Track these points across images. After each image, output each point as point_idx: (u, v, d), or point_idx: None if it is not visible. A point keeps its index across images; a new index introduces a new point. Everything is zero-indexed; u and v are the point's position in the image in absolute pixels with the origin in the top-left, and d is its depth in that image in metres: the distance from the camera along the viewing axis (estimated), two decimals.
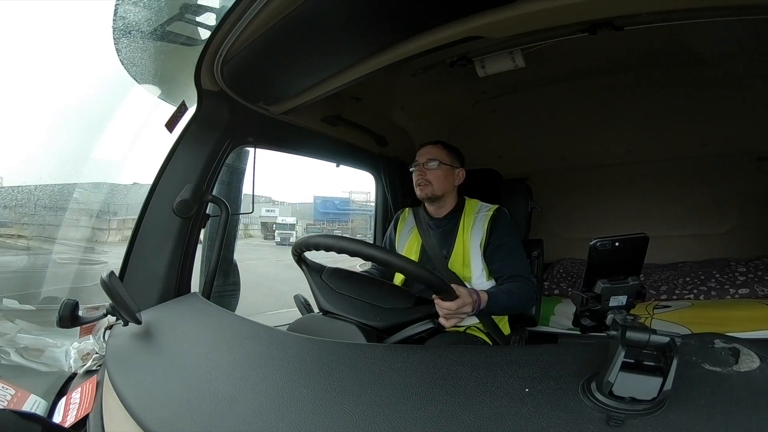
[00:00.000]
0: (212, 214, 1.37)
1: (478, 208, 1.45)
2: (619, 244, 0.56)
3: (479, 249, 1.38)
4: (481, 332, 1.37)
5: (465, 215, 1.45)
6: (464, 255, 1.40)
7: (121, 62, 1.22)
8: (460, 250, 1.41)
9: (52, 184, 1.59)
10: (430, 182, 1.42)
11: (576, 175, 2.86)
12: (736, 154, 2.47)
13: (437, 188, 1.42)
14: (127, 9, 1.07)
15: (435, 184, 1.42)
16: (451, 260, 1.41)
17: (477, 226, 1.40)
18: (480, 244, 1.38)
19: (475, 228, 1.40)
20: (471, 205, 1.47)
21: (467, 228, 1.42)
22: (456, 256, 1.41)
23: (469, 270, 1.39)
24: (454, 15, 1.00)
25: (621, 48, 1.88)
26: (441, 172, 1.43)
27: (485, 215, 1.42)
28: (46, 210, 1.64)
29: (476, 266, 1.38)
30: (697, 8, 1.10)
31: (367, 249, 1.00)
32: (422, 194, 1.44)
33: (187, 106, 1.29)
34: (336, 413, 0.58)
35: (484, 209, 1.44)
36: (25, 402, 0.97)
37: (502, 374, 0.61)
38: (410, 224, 1.55)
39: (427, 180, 1.42)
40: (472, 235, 1.40)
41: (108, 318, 1.09)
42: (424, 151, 1.46)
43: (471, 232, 1.40)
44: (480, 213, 1.43)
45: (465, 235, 1.41)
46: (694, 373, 0.55)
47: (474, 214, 1.44)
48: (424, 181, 1.42)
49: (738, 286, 2.10)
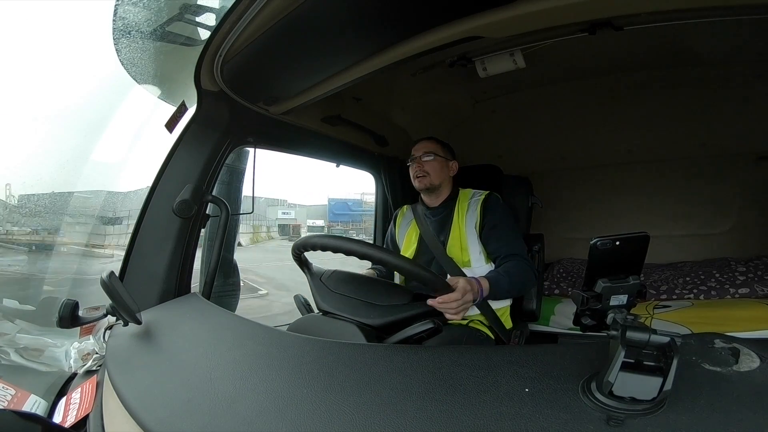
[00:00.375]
0: (212, 215, 1.37)
1: (471, 195, 1.52)
2: (619, 244, 0.56)
3: (475, 231, 1.44)
4: (483, 325, 1.39)
5: (459, 202, 1.52)
6: (461, 239, 1.45)
7: (120, 62, 1.22)
8: (457, 235, 1.46)
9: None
10: (428, 173, 1.50)
11: (576, 175, 2.86)
12: (736, 154, 2.48)
13: (434, 178, 1.50)
14: (127, 9, 1.07)
15: (432, 175, 1.50)
16: (449, 246, 1.46)
17: (471, 210, 1.47)
18: (475, 226, 1.44)
19: (469, 212, 1.47)
20: (464, 194, 1.54)
21: (462, 213, 1.48)
22: (453, 241, 1.46)
23: (467, 254, 1.43)
24: (454, 15, 1.00)
25: (621, 48, 1.89)
26: (437, 163, 1.51)
27: (477, 200, 1.48)
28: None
29: (474, 250, 1.43)
30: (697, 8, 1.10)
31: (364, 248, 1.01)
32: (421, 185, 1.52)
33: (187, 106, 1.29)
34: (336, 413, 0.58)
35: (477, 195, 1.51)
36: (25, 402, 0.97)
37: (502, 374, 0.61)
38: (408, 218, 1.62)
39: (425, 171, 1.50)
40: (467, 219, 1.46)
41: (108, 318, 1.09)
42: (419, 146, 1.55)
43: (465, 216, 1.47)
44: (473, 198, 1.50)
45: (460, 221, 1.47)
46: (694, 373, 0.55)
47: (467, 200, 1.50)
48: (422, 172, 1.50)
49: (738, 286, 2.10)
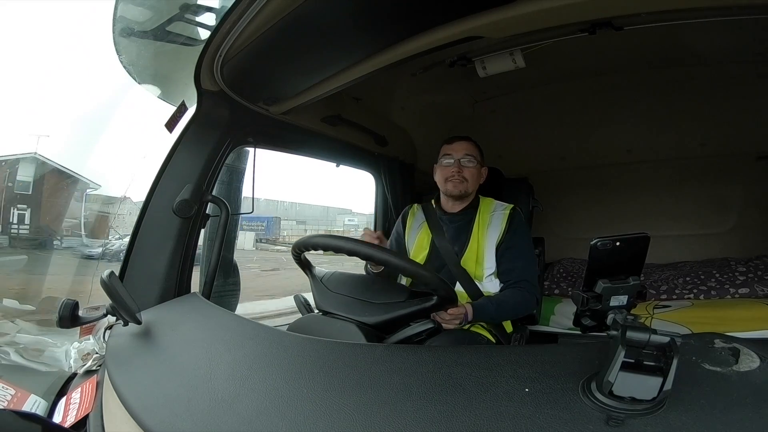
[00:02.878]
0: (212, 214, 1.37)
1: (494, 207, 1.43)
2: (619, 244, 0.56)
3: (494, 247, 1.36)
4: (484, 329, 1.37)
5: (480, 212, 1.41)
6: (478, 252, 1.37)
7: (120, 62, 1.22)
8: (474, 247, 1.37)
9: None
10: (466, 179, 1.38)
11: (576, 175, 2.86)
12: (736, 154, 2.47)
13: (471, 185, 1.39)
14: (127, 9, 1.07)
15: (470, 182, 1.39)
16: (464, 257, 1.38)
17: (494, 224, 1.37)
18: (496, 242, 1.36)
19: (492, 226, 1.37)
20: (486, 203, 1.44)
21: (483, 225, 1.39)
22: (470, 253, 1.38)
23: (482, 269, 1.36)
24: (454, 15, 1.00)
25: (621, 48, 1.88)
26: (476, 170, 1.40)
27: (502, 213, 1.39)
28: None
29: (489, 265, 1.36)
30: (697, 8, 1.11)
31: (363, 248, 1.01)
32: (455, 191, 1.39)
33: (187, 106, 1.29)
34: (336, 413, 0.58)
35: (500, 207, 1.42)
36: (25, 402, 0.97)
37: (502, 374, 0.61)
38: (420, 219, 1.51)
39: (464, 177, 1.38)
40: (489, 233, 1.37)
41: (108, 318, 1.09)
42: (459, 146, 1.41)
43: (487, 229, 1.37)
44: (496, 211, 1.41)
45: (480, 233, 1.38)
46: (694, 373, 0.55)
47: (490, 212, 1.41)
48: (460, 177, 1.38)
49: (738, 286, 2.10)
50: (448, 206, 1.46)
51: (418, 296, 1.03)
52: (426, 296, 1.01)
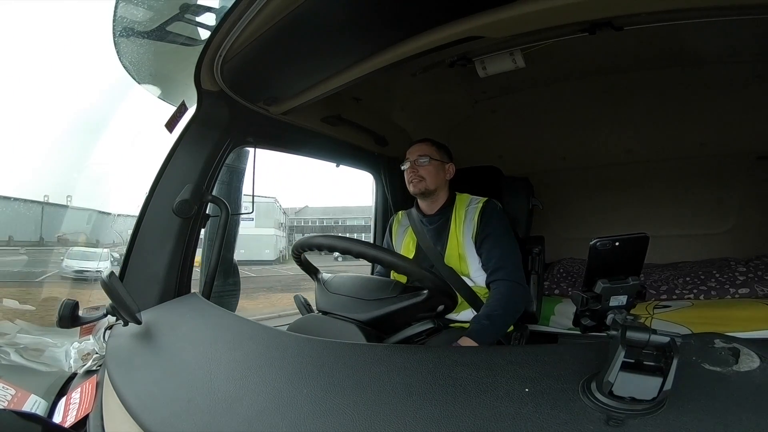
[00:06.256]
0: (212, 214, 1.37)
1: (468, 202, 1.48)
2: (619, 244, 0.56)
3: (472, 241, 1.41)
4: None
5: (456, 210, 1.48)
6: (459, 249, 1.43)
7: (120, 62, 1.22)
8: (455, 245, 1.43)
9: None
10: (423, 177, 1.46)
11: (576, 175, 2.86)
12: (736, 154, 2.47)
13: (430, 183, 1.46)
14: (127, 9, 1.07)
15: (428, 179, 1.46)
16: (447, 255, 1.43)
17: (468, 219, 1.44)
18: (472, 236, 1.41)
19: (466, 221, 1.44)
20: (461, 200, 1.50)
21: (459, 222, 1.45)
22: (451, 251, 1.43)
23: (466, 264, 1.41)
24: (454, 15, 1.00)
25: (621, 48, 1.89)
26: (432, 167, 1.47)
27: (475, 207, 1.45)
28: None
29: (473, 261, 1.41)
30: (697, 8, 1.10)
31: (362, 247, 1.01)
32: (415, 190, 1.48)
33: (187, 106, 1.29)
34: (336, 413, 0.58)
35: (474, 202, 1.47)
36: (25, 402, 0.97)
37: (502, 374, 0.61)
38: (405, 225, 1.58)
39: (420, 176, 1.46)
40: (464, 229, 1.43)
41: (108, 318, 1.09)
42: (414, 149, 1.51)
43: (463, 225, 1.44)
44: (470, 206, 1.46)
45: (457, 230, 1.44)
46: (694, 373, 0.55)
47: (464, 207, 1.47)
48: (417, 177, 1.46)
49: (738, 286, 2.10)
50: (425, 208, 1.54)
51: (409, 291, 1.03)
52: (417, 290, 1.01)
